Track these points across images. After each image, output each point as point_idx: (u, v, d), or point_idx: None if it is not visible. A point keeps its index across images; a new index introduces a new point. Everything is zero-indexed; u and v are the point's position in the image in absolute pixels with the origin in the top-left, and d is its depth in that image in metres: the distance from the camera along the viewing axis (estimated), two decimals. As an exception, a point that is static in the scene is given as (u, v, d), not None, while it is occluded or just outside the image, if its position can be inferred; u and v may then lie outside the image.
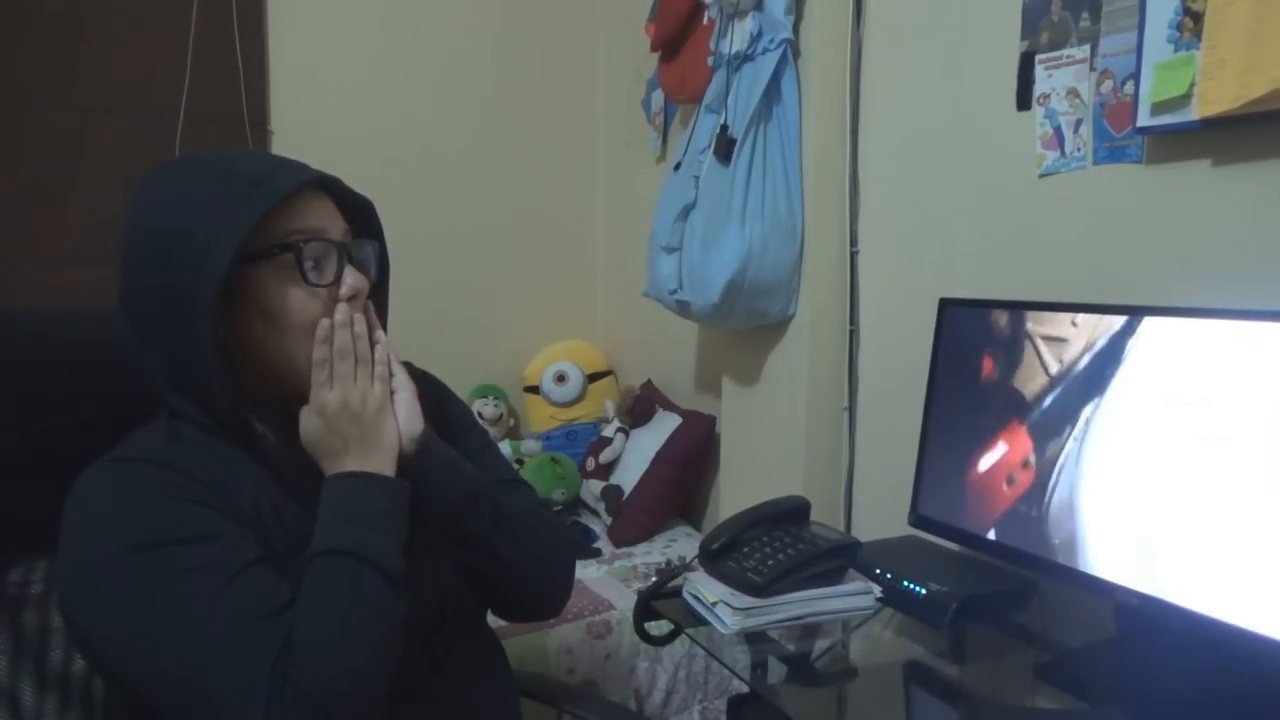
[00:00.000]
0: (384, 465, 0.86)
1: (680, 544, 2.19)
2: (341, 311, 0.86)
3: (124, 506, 0.80)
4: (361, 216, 0.96)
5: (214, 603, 0.75)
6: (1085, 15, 1.30)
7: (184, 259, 0.81)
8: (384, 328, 0.97)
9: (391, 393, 0.90)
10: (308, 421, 0.86)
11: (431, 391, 1.05)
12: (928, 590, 1.22)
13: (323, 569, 0.79)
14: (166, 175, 0.87)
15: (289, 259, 0.85)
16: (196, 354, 0.82)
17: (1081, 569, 1.10)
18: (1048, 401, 1.17)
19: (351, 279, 0.89)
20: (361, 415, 0.85)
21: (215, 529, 0.79)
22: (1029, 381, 1.20)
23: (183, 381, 0.85)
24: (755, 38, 1.74)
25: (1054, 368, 1.17)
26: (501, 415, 2.61)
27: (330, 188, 0.91)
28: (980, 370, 1.27)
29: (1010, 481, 1.21)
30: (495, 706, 1.02)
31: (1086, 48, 1.30)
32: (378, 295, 0.97)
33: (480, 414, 2.58)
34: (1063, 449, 1.14)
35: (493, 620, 1.69)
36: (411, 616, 0.83)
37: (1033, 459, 1.18)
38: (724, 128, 1.75)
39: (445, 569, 0.97)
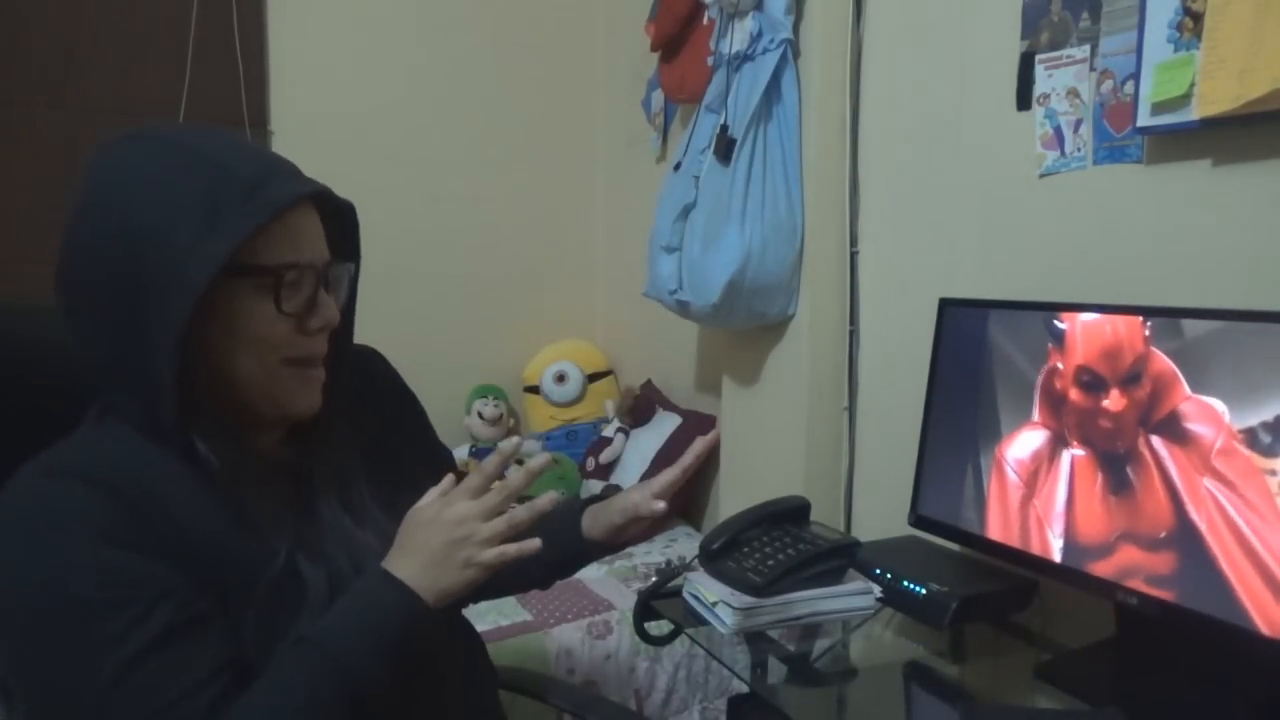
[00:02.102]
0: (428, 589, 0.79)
1: (680, 544, 2.19)
2: (533, 465, 0.84)
3: (36, 546, 0.73)
4: (339, 223, 0.89)
5: (115, 687, 0.70)
6: (1085, 15, 1.30)
7: (159, 259, 0.74)
8: (350, 343, 0.93)
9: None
10: (427, 505, 0.84)
11: (368, 368, 1.03)
12: (928, 590, 1.22)
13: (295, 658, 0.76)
14: (142, 152, 0.78)
15: (267, 280, 0.79)
16: (149, 359, 0.75)
17: (1081, 569, 1.10)
18: (1048, 401, 1.17)
19: (325, 312, 0.84)
20: (458, 543, 0.80)
21: (128, 592, 0.72)
22: (1029, 381, 1.20)
23: (127, 379, 0.79)
24: (755, 38, 1.74)
25: (1054, 367, 1.17)
26: (501, 415, 2.61)
27: (316, 196, 0.85)
28: (980, 370, 1.27)
29: (1010, 481, 1.21)
30: (475, 702, 1.01)
31: (1086, 48, 1.30)
32: (345, 311, 0.92)
33: (480, 414, 2.58)
34: (1062, 448, 1.14)
35: (491, 621, 1.70)
36: None
37: (1033, 458, 1.18)
38: (724, 128, 1.75)
39: None
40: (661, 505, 1.00)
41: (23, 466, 0.76)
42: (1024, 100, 1.40)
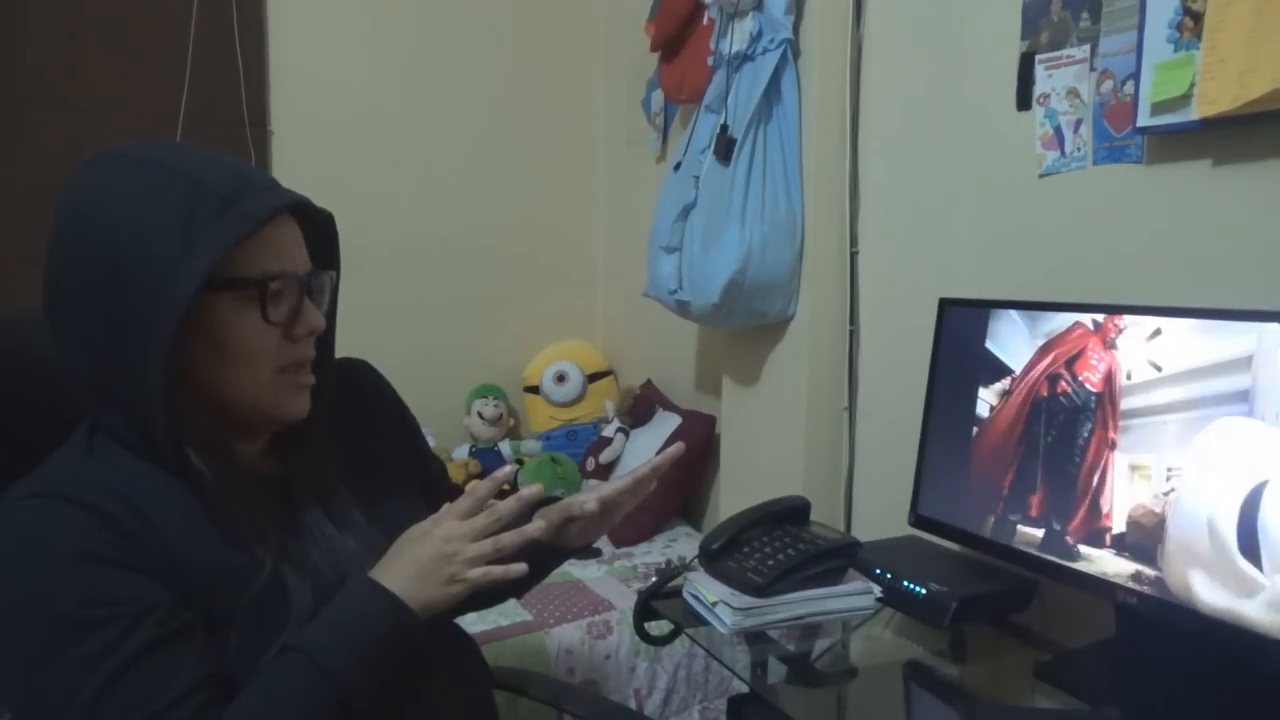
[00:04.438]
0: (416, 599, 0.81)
1: (680, 544, 2.19)
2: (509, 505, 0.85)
3: (19, 567, 0.73)
4: (317, 231, 0.89)
5: (98, 702, 0.71)
6: (1085, 15, 1.30)
7: (141, 277, 0.75)
8: (332, 351, 0.93)
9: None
10: (419, 524, 0.85)
11: (356, 379, 1.03)
12: (928, 590, 1.22)
13: (283, 668, 0.77)
14: (117, 172, 0.79)
15: (251, 292, 0.80)
16: (137, 376, 0.76)
17: (1081, 569, 1.10)
18: (1048, 401, 1.17)
19: (310, 319, 0.85)
20: (445, 558, 0.82)
21: (112, 609, 0.73)
22: (1029, 381, 1.20)
23: (114, 397, 0.80)
24: (755, 38, 1.74)
25: (1053, 367, 1.17)
26: (501, 415, 2.61)
27: (294, 206, 0.84)
28: (980, 370, 1.27)
29: (1010, 481, 1.21)
30: (468, 703, 1.01)
31: (1086, 48, 1.30)
32: (327, 319, 0.91)
33: (480, 414, 2.58)
34: (1063, 448, 1.14)
35: (492, 621, 1.70)
36: None
37: (1033, 458, 1.18)
38: (724, 128, 1.75)
39: None
40: (593, 506, 0.98)
41: (9, 489, 0.77)
42: (1024, 100, 1.40)
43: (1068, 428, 1.14)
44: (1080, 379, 1.13)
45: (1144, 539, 1.03)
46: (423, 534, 0.83)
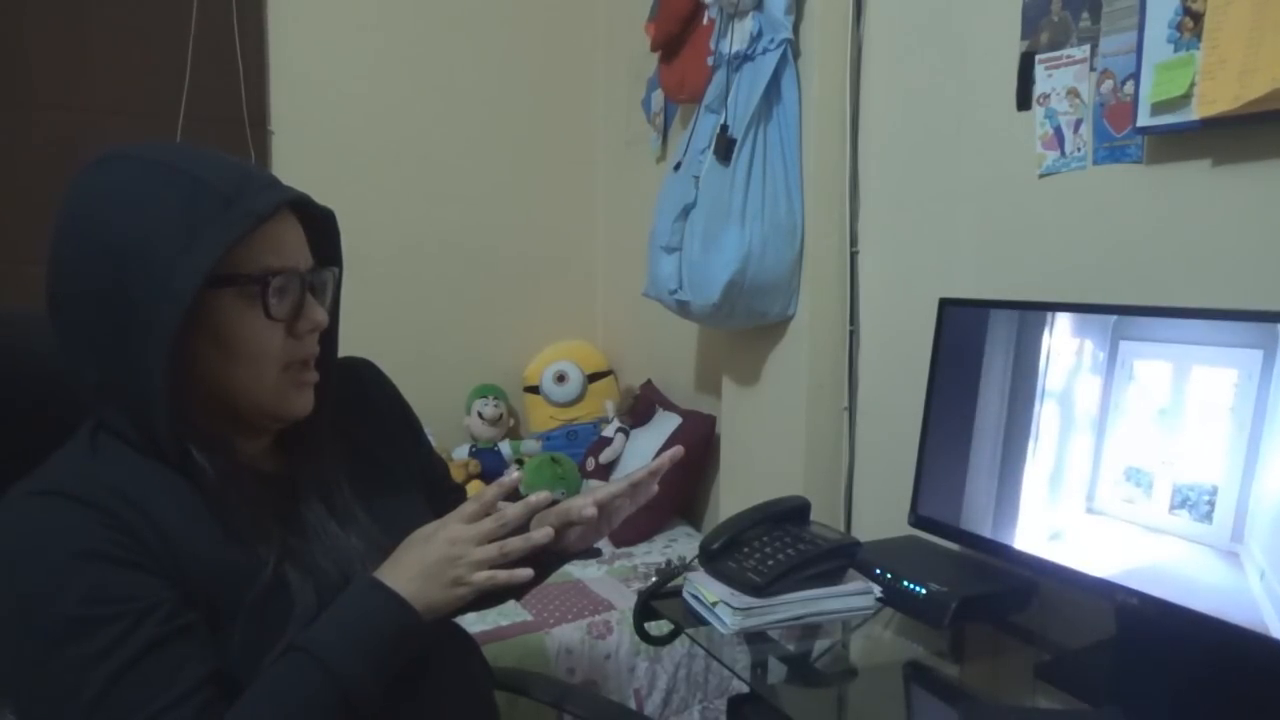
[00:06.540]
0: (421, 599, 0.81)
1: (680, 544, 2.19)
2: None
3: (23, 564, 0.73)
4: (319, 229, 0.89)
5: (101, 699, 0.71)
6: (1085, 15, 1.30)
7: (143, 275, 0.75)
8: (335, 348, 0.93)
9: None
10: (425, 526, 0.85)
11: (360, 377, 1.03)
12: (928, 590, 1.22)
13: (288, 668, 0.77)
14: (120, 172, 0.79)
15: (253, 289, 0.80)
16: (140, 374, 0.76)
17: (1081, 569, 1.10)
18: (1048, 401, 1.17)
19: (313, 315, 0.85)
20: (450, 561, 0.82)
21: (115, 607, 0.73)
22: (1029, 381, 1.20)
23: (118, 396, 0.80)
24: (755, 38, 1.74)
25: (1054, 368, 1.17)
26: (501, 415, 2.61)
27: (295, 203, 0.85)
28: (980, 370, 1.27)
29: (1010, 481, 1.21)
30: (468, 702, 1.01)
31: (1086, 48, 1.30)
32: (330, 316, 0.91)
33: (480, 414, 2.58)
34: (1063, 448, 1.14)
35: (492, 621, 1.70)
36: None
37: (1033, 459, 1.18)
38: (724, 128, 1.75)
39: None
40: (592, 511, 0.97)
41: (13, 486, 0.77)
42: (1024, 100, 1.40)
43: (1067, 428, 1.14)
44: (1079, 379, 1.13)
45: (1144, 538, 1.03)
46: (428, 536, 0.84)
